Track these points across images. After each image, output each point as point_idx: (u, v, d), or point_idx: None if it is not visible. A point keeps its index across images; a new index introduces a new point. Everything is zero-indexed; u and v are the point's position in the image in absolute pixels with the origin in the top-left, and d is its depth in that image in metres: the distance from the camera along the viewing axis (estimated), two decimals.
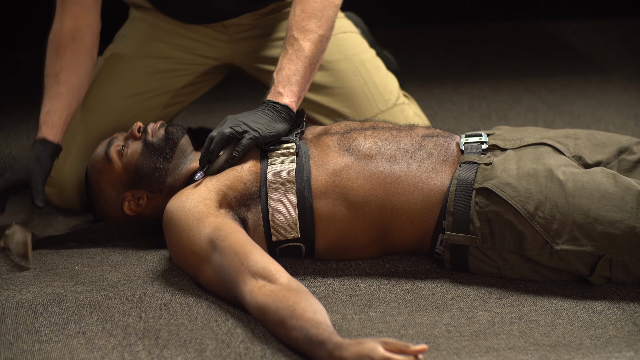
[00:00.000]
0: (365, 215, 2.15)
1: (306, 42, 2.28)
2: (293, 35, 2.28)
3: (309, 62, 2.27)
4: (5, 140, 2.98)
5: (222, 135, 2.17)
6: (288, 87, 2.23)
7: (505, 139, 2.24)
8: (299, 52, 2.27)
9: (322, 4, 2.32)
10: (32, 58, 3.69)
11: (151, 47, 2.59)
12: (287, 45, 2.28)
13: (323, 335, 1.82)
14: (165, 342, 1.93)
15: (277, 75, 2.25)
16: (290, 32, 2.29)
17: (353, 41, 2.65)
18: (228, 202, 2.13)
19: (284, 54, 2.27)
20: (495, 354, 1.90)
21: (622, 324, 2.00)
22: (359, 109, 2.60)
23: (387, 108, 2.62)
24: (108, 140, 2.30)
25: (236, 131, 2.17)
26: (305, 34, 2.28)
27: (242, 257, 1.99)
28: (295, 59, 2.26)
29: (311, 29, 2.29)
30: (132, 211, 2.27)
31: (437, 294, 2.12)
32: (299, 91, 2.25)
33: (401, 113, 2.63)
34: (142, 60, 2.58)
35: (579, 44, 3.94)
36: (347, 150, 2.19)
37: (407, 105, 2.67)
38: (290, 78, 2.24)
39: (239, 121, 2.19)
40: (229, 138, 2.17)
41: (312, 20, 2.30)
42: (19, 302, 2.08)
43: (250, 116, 2.20)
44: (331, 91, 2.59)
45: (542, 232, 2.07)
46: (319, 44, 2.29)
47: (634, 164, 2.18)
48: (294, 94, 2.24)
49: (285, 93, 2.23)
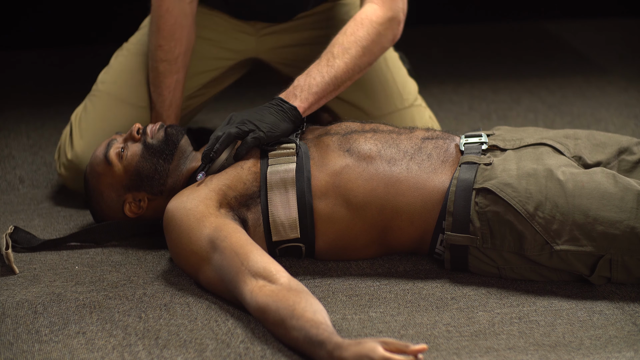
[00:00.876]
0: (365, 216, 2.15)
1: (342, 63, 2.27)
2: (332, 52, 2.28)
3: (334, 82, 2.26)
4: (6, 141, 2.98)
5: (228, 135, 2.17)
6: (305, 93, 2.23)
7: (505, 139, 2.24)
8: (331, 68, 2.26)
9: (373, 40, 2.31)
10: (32, 58, 3.70)
11: None
12: (324, 56, 2.28)
13: (323, 336, 1.82)
14: (165, 342, 1.93)
15: (301, 78, 2.25)
16: (332, 46, 2.29)
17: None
18: (228, 202, 2.13)
19: (317, 63, 2.27)
20: (495, 354, 1.90)
21: (622, 324, 2.00)
22: (377, 104, 2.61)
23: (404, 107, 2.63)
24: (107, 142, 2.29)
25: (242, 130, 2.17)
26: (344, 56, 2.28)
27: (243, 257, 1.99)
28: (325, 73, 2.25)
29: (352, 54, 2.28)
30: (133, 213, 2.27)
31: (437, 294, 2.12)
32: (314, 102, 2.24)
33: (417, 114, 2.64)
34: None
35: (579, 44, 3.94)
36: (348, 151, 2.19)
37: (423, 108, 2.68)
38: (311, 87, 2.24)
39: (245, 119, 2.18)
40: (235, 138, 2.17)
41: (357, 48, 2.29)
42: (19, 302, 2.08)
43: (256, 114, 2.20)
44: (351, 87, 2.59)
45: (542, 232, 2.07)
46: (352, 71, 2.29)
47: (633, 164, 2.18)
48: (308, 102, 2.23)
49: (299, 97, 2.22)
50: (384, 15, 2.33)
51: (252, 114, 2.20)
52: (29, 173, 2.77)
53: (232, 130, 2.17)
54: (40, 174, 2.76)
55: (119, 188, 2.26)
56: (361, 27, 2.31)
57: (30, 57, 3.71)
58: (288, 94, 2.24)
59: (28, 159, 2.85)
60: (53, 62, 3.66)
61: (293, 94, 2.23)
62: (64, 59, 3.69)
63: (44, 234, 2.40)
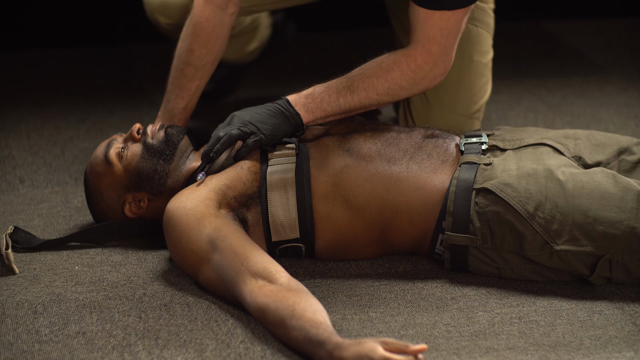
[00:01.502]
0: (365, 216, 2.15)
1: (363, 97, 2.22)
2: (359, 82, 2.21)
3: (346, 111, 2.23)
4: (6, 141, 2.98)
5: (230, 137, 2.16)
6: (315, 106, 2.21)
7: (505, 140, 2.24)
8: (351, 98, 2.21)
9: (403, 87, 2.23)
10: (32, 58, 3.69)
11: None
12: (350, 79, 2.22)
13: (323, 336, 1.82)
14: (165, 342, 1.93)
15: (317, 89, 2.22)
16: (362, 77, 2.22)
17: (479, 37, 2.56)
18: (228, 202, 2.13)
19: (339, 82, 2.22)
20: (495, 354, 1.90)
21: (622, 324, 2.00)
22: (440, 101, 2.56)
23: (463, 114, 2.58)
24: (107, 142, 2.29)
25: (244, 132, 2.16)
26: (368, 91, 2.21)
27: (242, 257, 1.99)
28: (342, 101, 2.21)
29: (377, 92, 2.22)
30: (133, 213, 2.27)
31: (437, 294, 2.12)
32: (319, 118, 2.22)
33: (470, 126, 2.58)
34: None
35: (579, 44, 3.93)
36: (347, 151, 2.19)
37: (479, 121, 2.62)
38: (323, 103, 2.21)
39: (247, 121, 2.18)
40: (237, 139, 2.17)
41: (384, 87, 2.22)
42: (19, 302, 2.08)
43: (259, 116, 2.19)
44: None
45: (542, 233, 2.07)
46: (368, 106, 2.24)
47: (633, 164, 2.18)
48: (314, 116, 2.22)
49: (308, 107, 2.20)
50: (423, 67, 2.23)
51: (255, 114, 2.19)
52: (29, 173, 2.76)
53: (233, 131, 2.17)
54: (40, 174, 2.76)
55: (119, 188, 2.26)
56: (397, 70, 2.22)
57: (30, 57, 3.71)
58: (298, 98, 2.22)
59: (28, 159, 2.85)
60: (53, 62, 3.66)
61: (303, 102, 2.21)
62: (64, 59, 3.69)
63: (44, 234, 2.40)
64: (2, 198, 2.60)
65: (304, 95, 2.22)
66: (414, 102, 2.60)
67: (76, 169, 2.79)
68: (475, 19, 2.55)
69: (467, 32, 2.53)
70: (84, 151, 2.91)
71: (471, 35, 2.55)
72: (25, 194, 2.64)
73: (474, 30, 2.55)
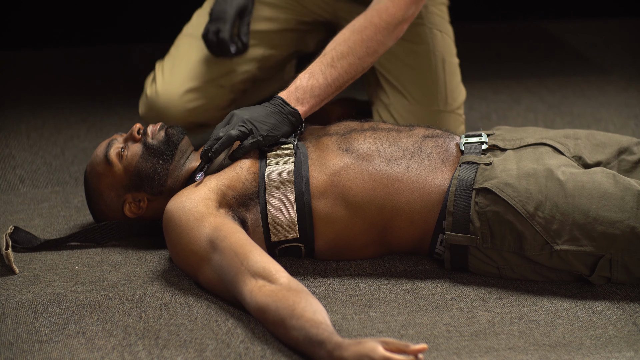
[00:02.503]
0: (364, 215, 2.15)
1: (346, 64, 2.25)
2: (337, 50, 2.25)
3: (336, 84, 2.25)
4: (6, 140, 2.98)
5: (229, 137, 2.16)
6: (307, 96, 2.22)
7: (505, 139, 2.24)
8: (334, 70, 2.24)
9: (379, 40, 2.29)
10: (32, 58, 3.69)
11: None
12: (328, 53, 2.26)
13: (323, 335, 1.82)
14: (165, 342, 1.93)
15: (303, 78, 2.24)
16: (338, 44, 2.26)
17: (444, 41, 2.66)
18: (227, 201, 2.13)
19: (320, 60, 2.25)
20: (495, 354, 1.90)
21: (622, 324, 2.00)
22: (421, 96, 2.63)
23: (445, 110, 2.64)
24: (107, 141, 2.29)
25: (242, 132, 2.16)
26: (349, 57, 2.26)
27: (242, 257, 1.99)
28: (328, 75, 2.24)
29: (357, 55, 2.26)
30: (133, 213, 2.27)
31: (437, 294, 2.12)
32: (315, 105, 2.23)
33: (454, 122, 2.65)
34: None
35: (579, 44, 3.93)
36: (347, 150, 2.19)
37: (463, 119, 2.68)
38: (313, 89, 2.23)
39: (245, 119, 2.18)
40: (236, 140, 2.17)
41: (363, 48, 2.27)
42: (19, 302, 2.08)
43: (257, 115, 2.19)
44: (403, 72, 2.61)
45: (542, 232, 2.07)
46: (355, 72, 2.27)
47: (633, 164, 2.18)
48: (309, 105, 2.23)
49: (301, 100, 2.21)
50: (395, 14, 2.31)
51: (254, 114, 2.19)
52: (29, 173, 2.76)
53: (232, 132, 2.17)
54: (40, 174, 2.76)
55: (119, 188, 2.26)
56: (370, 26, 2.29)
57: (30, 57, 3.71)
58: (289, 94, 2.23)
59: (28, 159, 2.85)
60: (53, 62, 3.66)
61: (295, 96, 2.22)
62: (64, 59, 3.69)
63: (44, 234, 2.40)
64: (2, 198, 2.60)
65: (293, 89, 2.23)
66: (394, 104, 2.62)
67: (76, 169, 2.79)
68: (438, 27, 2.66)
69: (436, 37, 2.65)
70: (84, 151, 2.91)
71: (439, 40, 2.66)
72: (25, 193, 2.64)
73: (439, 36, 2.66)
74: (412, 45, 2.62)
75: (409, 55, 2.63)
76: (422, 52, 2.63)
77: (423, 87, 2.63)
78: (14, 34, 3.82)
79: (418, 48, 2.63)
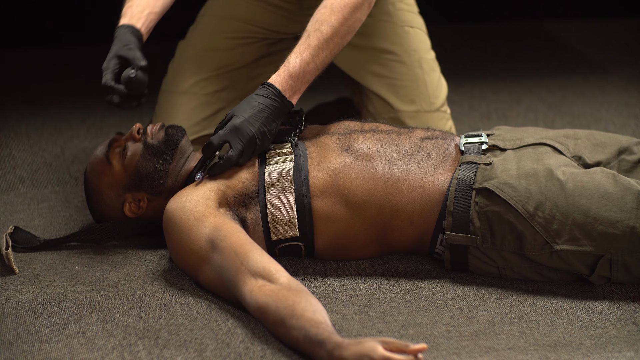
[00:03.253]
0: (364, 215, 2.15)
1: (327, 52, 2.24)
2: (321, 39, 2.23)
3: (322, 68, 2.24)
4: (6, 140, 2.98)
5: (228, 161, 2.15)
6: (299, 83, 2.21)
7: (505, 139, 2.24)
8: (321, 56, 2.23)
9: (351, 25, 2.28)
10: (32, 58, 3.70)
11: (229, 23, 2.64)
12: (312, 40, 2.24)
13: (323, 335, 1.82)
14: (165, 342, 1.93)
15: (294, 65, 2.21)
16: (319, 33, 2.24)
17: (417, 37, 2.64)
18: (227, 201, 2.13)
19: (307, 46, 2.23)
20: (495, 354, 1.90)
21: (622, 324, 2.00)
22: (404, 100, 2.61)
23: (430, 110, 2.62)
24: (107, 141, 2.29)
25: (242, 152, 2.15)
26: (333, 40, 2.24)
27: (242, 256, 1.99)
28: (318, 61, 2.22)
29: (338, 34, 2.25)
30: (133, 213, 2.27)
31: (437, 294, 2.12)
32: (303, 90, 2.23)
33: (440, 120, 2.64)
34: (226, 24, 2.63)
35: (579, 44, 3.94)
36: (347, 150, 2.19)
37: (447, 116, 2.67)
38: (306, 75, 2.21)
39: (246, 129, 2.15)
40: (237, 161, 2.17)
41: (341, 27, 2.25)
42: (19, 302, 2.08)
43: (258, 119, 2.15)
44: (382, 80, 2.60)
45: (542, 232, 2.07)
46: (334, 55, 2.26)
47: (633, 164, 2.18)
48: (300, 92, 2.22)
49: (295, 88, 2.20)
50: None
51: (255, 117, 2.16)
52: (29, 173, 2.77)
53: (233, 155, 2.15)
54: (40, 174, 2.76)
55: (119, 188, 2.26)
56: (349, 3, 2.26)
57: (30, 57, 3.71)
58: (284, 83, 2.19)
59: (28, 159, 2.86)
60: (53, 62, 3.66)
61: (289, 85, 2.19)
62: (64, 59, 3.69)
63: (44, 234, 2.40)
64: (2, 198, 2.61)
65: (288, 77, 2.21)
66: (380, 113, 2.62)
67: (76, 169, 2.79)
68: (409, 23, 2.63)
69: (408, 35, 2.62)
70: (84, 151, 2.91)
71: (412, 36, 2.63)
72: (25, 193, 2.64)
73: (412, 32, 2.63)
74: (386, 49, 2.59)
75: (384, 61, 2.60)
76: (397, 53, 2.60)
77: (402, 92, 2.61)
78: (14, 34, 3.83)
79: (393, 48, 2.60)
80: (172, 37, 2.77)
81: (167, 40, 2.89)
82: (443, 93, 2.66)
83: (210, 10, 2.66)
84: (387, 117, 2.61)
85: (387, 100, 2.60)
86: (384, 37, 2.59)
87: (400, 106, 2.59)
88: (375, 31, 2.59)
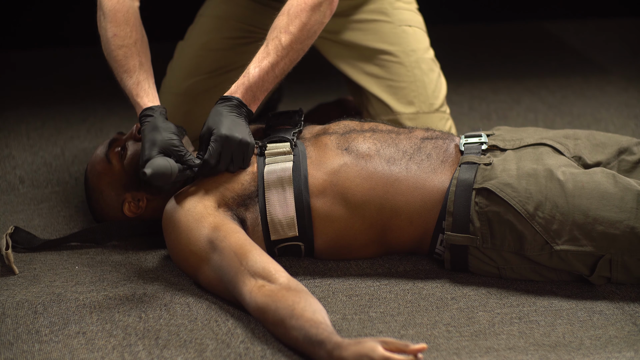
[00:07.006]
0: (364, 215, 2.15)
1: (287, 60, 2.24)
2: (279, 48, 2.23)
3: (280, 76, 2.23)
4: (6, 140, 2.99)
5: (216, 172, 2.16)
6: (259, 93, 2.21)
7: (505, 140, 2.24)
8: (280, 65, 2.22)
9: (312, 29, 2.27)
10: (32, 58, 3.70)
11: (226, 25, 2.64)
12: (270, 48, 2.24)
13: (322, 335, 1.82)
14: (165, 342, 1.93)
15: (254, 75, 2.20)
16: (278, 41, 2.23)
17: (416, 37, 2.62)
18: (226, 202, 2.13)
19: (266, 55, 2.23)
20: (495, 354, 1.90)
21: (622, 324, 2.00)
22: (403, 103, 2.60)
23: (429, 111, 2.61)
24: (108, 141, 2.30)
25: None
26: (291, 47, 2.23)
27: (242, 257, 1.99)
28: (277, 70, 2.22)
29: (298, 40, 2.24)
30: (132, 213, 2.27)
31: (437, 294, 2.12)
32: (263, 99, 2.23)
33: (440, 120, 2.62)
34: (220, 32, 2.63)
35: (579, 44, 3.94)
36: (346, 149, 2.19)
37: (448, 115, 2.66)
38: (264, 84, 2.20)
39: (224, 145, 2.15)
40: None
41: (300, 33, 2.24)
42: (19, 302, 2.08)
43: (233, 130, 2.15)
44: (380, 82, 2.59)
45: (542, 233, 2.07)
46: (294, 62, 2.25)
47: (633, 164, 2.18)
48: (260, 100, 2.22)
49: (254, 99, 2.20)
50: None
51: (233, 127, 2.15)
52: (29, 173, 2.77)
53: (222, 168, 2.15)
54: (40, 174, 2.76)
55: (118, 187, 2.26)
56: (306, 7, 2.24)
57: (30, 57, 3.71)
58: (245, 94, 2.19)
59: (28, 159, 2.86)
60: (53, 62, 3.67)
61: (250, 96, 2.19)
62: (64, 59, 3.69)
63: (44, 234, 2.40)
64: (2, 198, 2.61)
65: (248, 87, 2.20)
66: (380, 116, 2.61)
67: (76, 169, 2.79)
68: (406, 22, 2.62)
69: (407, 35, 2.61)
70: (84, 151, 2.91)
71: (410, 35, 2.61)
72: (25, 193, 2.64)
73: (410, 31, 2.62)
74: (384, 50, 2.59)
75: (382, 63, 2.60)
76: (396, 54, 2.59)
77: (401, 94, 2.60)
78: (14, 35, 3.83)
79: (391, 49, 2.59)
80: (172, 37, 2.77)
81: (167, 40, 2.89)
82: (442, 93, 2.65)
83: (208, 10, 2.66)
84: (387, 120, 2.60)
85: (386, 103, 2.60)
86: (382, 38, 2.59)
87: (399, 108, 2.59)
88: (373, 31, 2.59)
